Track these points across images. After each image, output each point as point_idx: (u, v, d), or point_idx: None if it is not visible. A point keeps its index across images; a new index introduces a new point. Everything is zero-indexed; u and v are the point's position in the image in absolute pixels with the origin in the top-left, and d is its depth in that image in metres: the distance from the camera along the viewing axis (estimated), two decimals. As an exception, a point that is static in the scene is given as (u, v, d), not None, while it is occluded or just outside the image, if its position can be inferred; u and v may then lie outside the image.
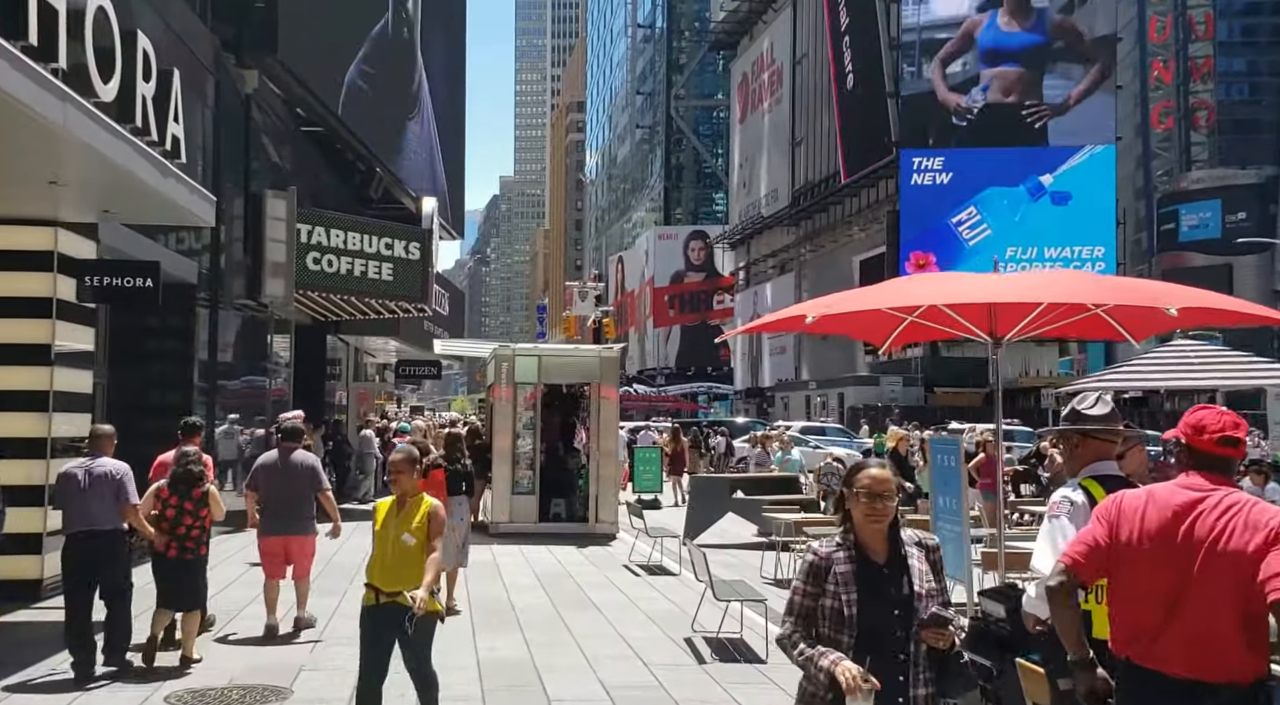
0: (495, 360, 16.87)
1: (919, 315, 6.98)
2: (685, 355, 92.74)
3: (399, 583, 5.78)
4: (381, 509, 6.00)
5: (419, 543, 5.82)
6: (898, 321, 7.35)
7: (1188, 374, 14.24)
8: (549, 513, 16.61)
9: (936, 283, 6.70)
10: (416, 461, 6.05)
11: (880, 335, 7.65)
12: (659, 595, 11.40)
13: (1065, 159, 60.41)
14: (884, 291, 6.75)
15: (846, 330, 7.79)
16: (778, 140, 78.81)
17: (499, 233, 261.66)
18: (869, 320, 7.35)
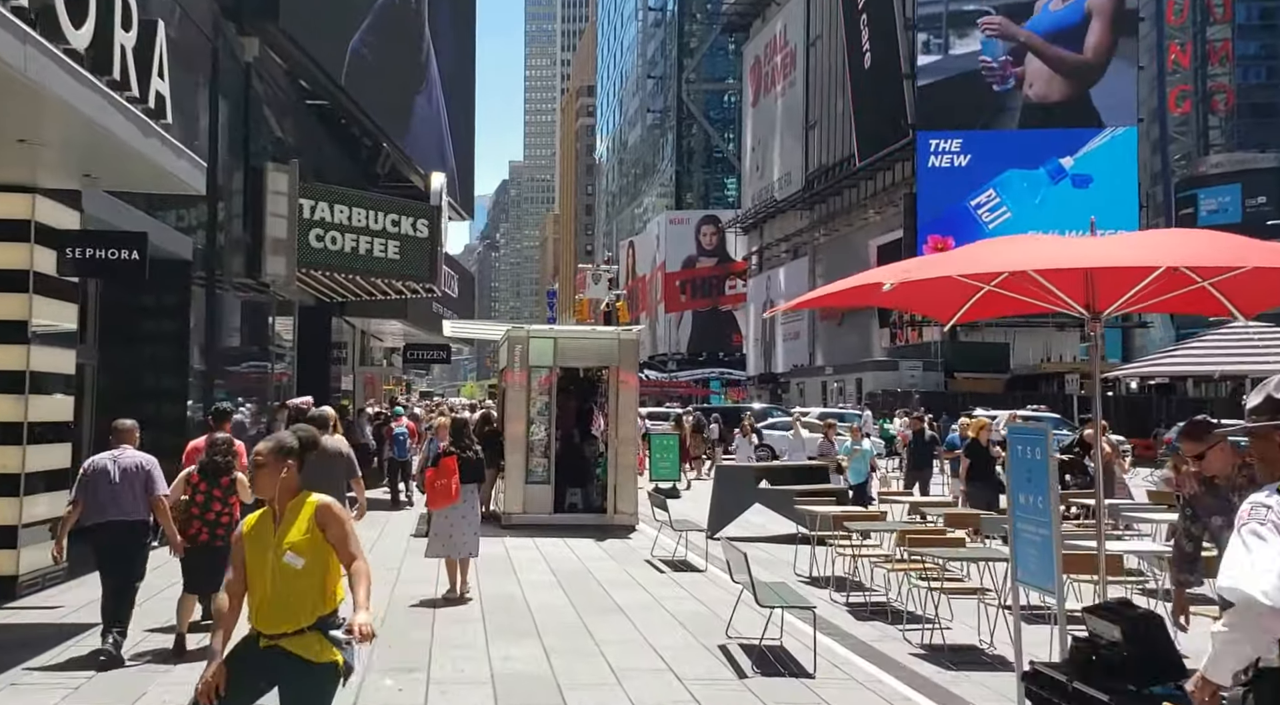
0: (508, 342, 16.00)
1: (999, 284, 6.08)
2: (697, 341, 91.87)
3: (286, 619, 4.19)
4: (249, 526, 4.38)
5: (313, 561, 4.22)
6: (969, 292, 6.44)
7: (1252, 358, 13.30)
8: (565, 503, 15.77)
9: (1025, 246, 5.77)
10: (292, 454, 4.39)
11: (948, 309, 6.74)
12: (686, 594, 10.53)
13: (1086, 141, 59.27)
14: (966, 256, 5.84)
15: (910, 304, 6.88)
16: (791, 123, 77.70)
17: (508, 218, 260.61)
18: (939, 291, 6.45)
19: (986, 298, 6.41)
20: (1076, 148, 59.42)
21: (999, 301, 6.48)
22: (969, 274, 5.66)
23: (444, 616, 9.15)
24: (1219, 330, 14.88)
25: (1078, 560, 7.92)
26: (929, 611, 9.17)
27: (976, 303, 6.55)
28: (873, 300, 6.71)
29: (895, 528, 10.03)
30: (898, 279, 5.40)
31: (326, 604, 4.26)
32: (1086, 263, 5.33)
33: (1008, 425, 13.78)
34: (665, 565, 12.31)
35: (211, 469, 7.83)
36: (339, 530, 4.31)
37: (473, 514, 10.50)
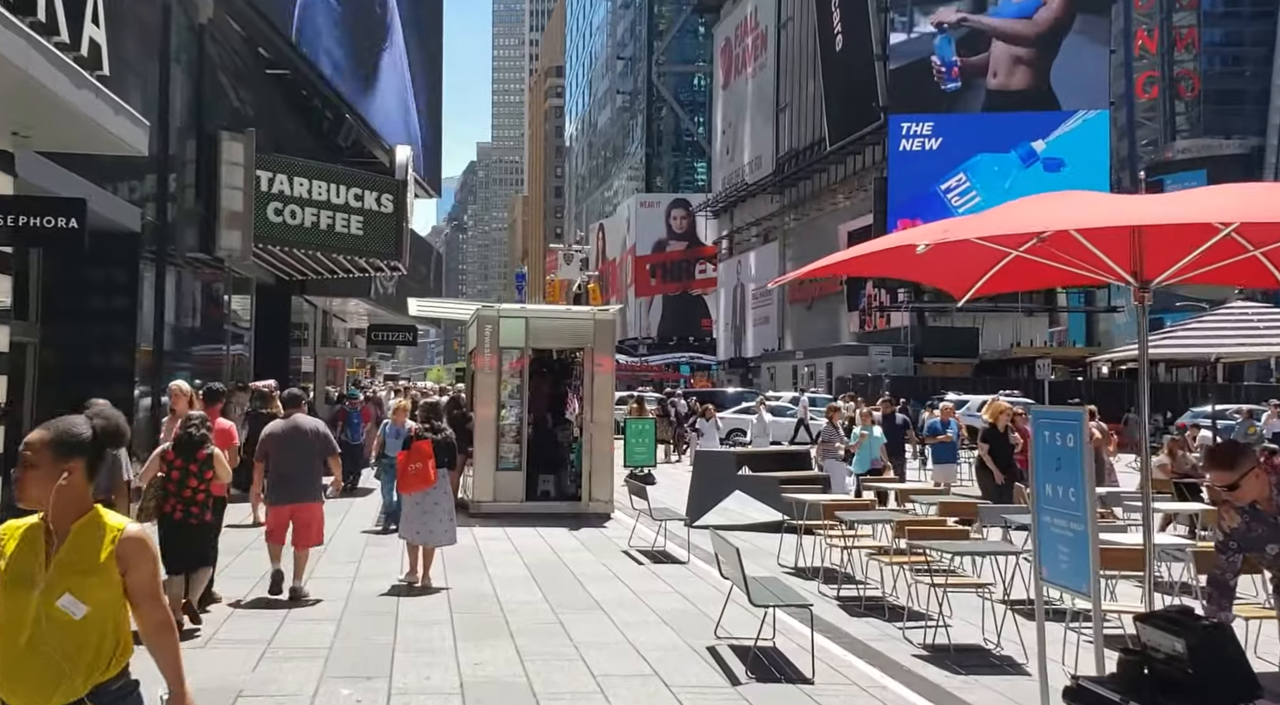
0: (478, 323, 15.26)
1: (1031, 249, 5.44)
2: (667, 325, 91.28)
3: (44, 687, 2.91)
4: (8, 541, 3.03)
5: (100, 610, 2.98)
6: (991, 259, 5.80)
7: (1253, 340, 12.81)
8: (537, 491, 15.09)
9: (1068, 203, 5.13)
10: (79, 451, 3.02)
11: (965, 279, 6.10)
12: (669, 588, 9.89)
13: (1058, 124, 59.08)
14: (1002, 216, 5.18)
15: (923, 272, 6.24)
16: (761, 106, 77.07)
17: (476, 200, 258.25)
18: (957, 259, 5.81)
19: (1012, 266, 5.78)
20: (1048, 131, 59.25)
21: (1026, 271, 5.85)
22: (1008, 235, 5.01)
23: (408, 616, 8.46)
24: (1216, 311, 14.40)
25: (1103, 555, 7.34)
26: (926, 607, 8.60)
27: (1000, 273, 5.92)
28: (884, 269, 6.07)
29: (892, 518, 9.43)
30: (935, 239, 4.74)
31: (109, 667, 3.01)
32: (1142, 220, 4.69)
33: (987, 410, 13.24)
34: (644, 557, 11.67)
35: (186, 444, 7.64)
36: (145, 573, 3.06)
37: (446, 500, 9.93)
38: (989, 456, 12.23)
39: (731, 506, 14.40)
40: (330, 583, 9.64)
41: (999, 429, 12.53)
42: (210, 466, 7.69)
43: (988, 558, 9.20)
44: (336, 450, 9.46)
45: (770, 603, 7.08)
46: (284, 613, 8.43)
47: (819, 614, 8.55)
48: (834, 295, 65.94)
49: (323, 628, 7.92)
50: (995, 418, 12.52)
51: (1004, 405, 12.74)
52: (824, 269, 5.65)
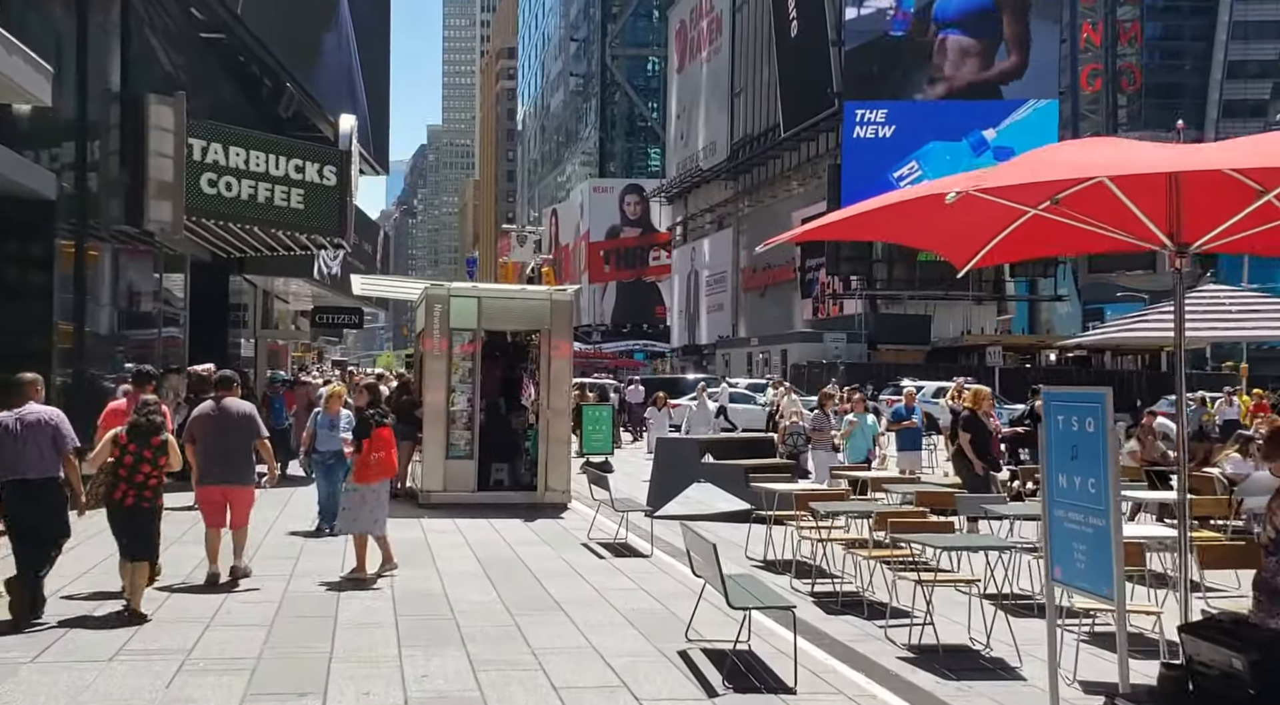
0: (426, 302, 14.44)
1: (1051, 209, 4.80)
2: (621, 312, 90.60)
3: None
4: None
5: None
6: (1005, 220, 5.16)
7: (1225, 324, 12.39)
8: (490, 480, 14.32)
9: (1102, 150, 4.48)
10: None
11: (971, 244, 5.46)
12: (633, 585, 9.20)
13: (1009, 113, 59.17)
14: (1036, 165, 4.52)
15: (923, 238, 5.59)
16: (716, 91, 76.45)
17: (426, 183, 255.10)
18: (967, 219, 5.16)
19: (1029, 228, 5.14)
20: (999, 120, 59.34)
21: (1041, 234, 5.22)
22: (1054, 182, 4.35)
23: (348, 619, 7.69)
24: (1190, 296, 13.94)
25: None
26: (909, 603, 8.00)
27: (1015, 236, 5.27)
28: (886, 231, 5.43)
29: (871, 509, 8.81)
30: (968, 186, 4.08)
31: None
32: (1185, 166, 4.04)
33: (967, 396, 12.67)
34: (605, 550, 10.97)
35: (142, 430, 7.56)
36: None
37: (383, 489, 9.32)
38: (970, 446, 11.59)
39: (695, 496, 13.77)
40: (262, 582, 8.84)
41: (979, 415, 11.89)
42: (165, 452, 7.64)
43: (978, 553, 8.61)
44: (264, 434, 9.20)
45: (749, 605, 6.40)
46: (210, 615, 7.62)
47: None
48: (787, 283, 65.68)
49: (250, 635, 7.13)
50: (976, 404, 11.88)
51: (985, 391, 12.16)
52: (827, 228, 4.98)
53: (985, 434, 11.95)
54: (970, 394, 12.17)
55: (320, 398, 12.53)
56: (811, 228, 5.16)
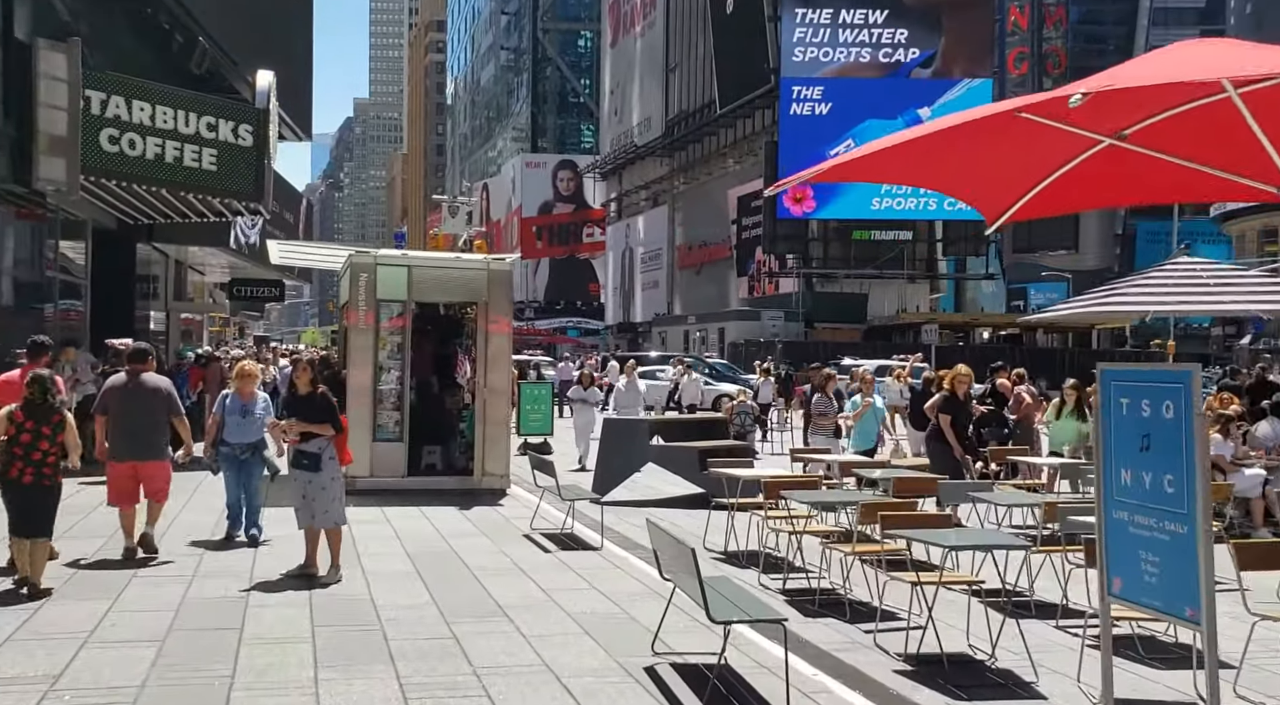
0: (351, 271, 13.26)
1: (1135, 137, 3.90)
2: (554, 289, 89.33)
3: None
4: None
5: None
6: (1066, 154, 4.25)
7: (1205, 297, 11.75)
8: (421, 464, 13.24)
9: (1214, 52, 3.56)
10: None
11: (1016, 188, 4.54)
12: (584, 584, 8.22)
13: (944, 92, 58.90)
14: (1167, 62, 3.57)
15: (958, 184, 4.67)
16: (651, 66, 75.30)
17: (353, 157, 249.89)
18: (1010, 162, 4.25)
19: (1087, 171, 4.24)
20: (934, 98, 58.96)
21: (1099, 178, 4.32)
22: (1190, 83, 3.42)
23: (256, 632, 6.60)
24: (1162, 267, 13.33)
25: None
26: (893, 603, 7.17)
27: (1064, 182, 4.36)
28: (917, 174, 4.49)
29: (856, 499, 7.91)
30: (1099, 87, 3.16)
31: None
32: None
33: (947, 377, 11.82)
34: (551, 542, 9.98)
35: (39, 406, 7.36)
36: None
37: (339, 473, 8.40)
38: (951, 429, 10.75)
39: (644, 480, 12.83)
40: (158, 586, 7.70)
41: (958, 396, 11.05)
42: (63, 429, 7.44)
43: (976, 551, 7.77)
44: (180, 410, 8.88)
45: (733, 618, 5.44)
46: (90, 629, 6.49)
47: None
48: (723, 261, 65.03)
49: (137, 654, 6.02)
50: (954, 385, 11.02)
51: (964, 369, 11.33)
52: (855, 163, 4.03)
53: (966, 416, 11.17)
54: (949, 374, 11.28)
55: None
56: (837, 163, 4.21)
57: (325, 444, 8.20)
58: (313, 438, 8.16)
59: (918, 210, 57.76)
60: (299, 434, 8.14)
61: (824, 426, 12.81)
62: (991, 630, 6.50)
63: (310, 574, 8.11)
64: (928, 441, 11.22)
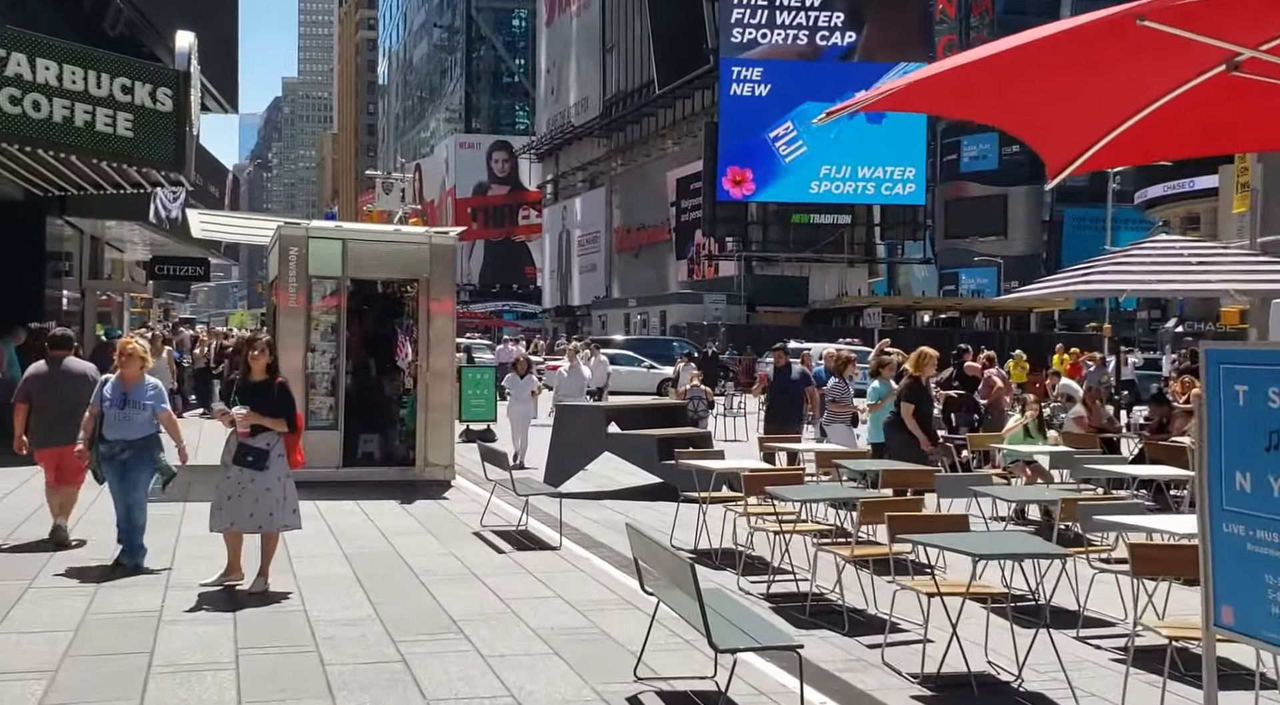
0: (280, 245, 12.21)
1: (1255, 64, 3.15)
2: (489, 272, 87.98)
3: None
4: None
5: None
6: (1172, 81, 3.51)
7: (1190, 277, 11.21)
8: (358, 454, 12.28)
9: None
10: None
11: (1083, 134, 3.79)
12: (548, 591, 7.37)
13: (880, 75, 58.58)
14: None
15: (1029, 121, 3.89)
16: (588, 46, 74.12)
17: (282, 137, 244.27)
18: (1094, 94, 3.49)
19: (1187, 106, 3.49)
20: (871, 82, 58.47)
21: (1202, 117, 3.57)
22: None
23: (168, 657, 5.66)
24: (1141, 245, 12.79)
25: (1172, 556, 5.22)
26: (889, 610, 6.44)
27: (1155, 122, 3.61)
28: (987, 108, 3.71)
29: (856, 496, 7.14)
30: None
31: None
32: None
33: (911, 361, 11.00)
34: (504, 541, 9.10)
35: None
36: None
37: (287, 474, 7.39)
38: (914, 419, 9.88)
39: (599, 470, 12.00)
40: (54, 600, 6.70)
41: (922, 383, 10.20)
42: None
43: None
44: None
45: (741, 646, 4.61)
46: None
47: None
48: (662, 244, 64.32)
49: (24, 689, 5.05)
50: (920, 368, 10.16)
51: (931, 353, 10.53)
52: (919, 85, 3.23)
53: (930, 405, 10.34)
54: (913, 356, 10.40)
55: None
56: (900, 85, 3.40)
57: (275, 440, 7.21)
58: (262, 431, 7.17)
59: (856, 194, 57.58)
60: (248, 427, 7.13)
61: (840, 415, 11.57)
62: (1014, 646, 5.77)
63: (234, 583, 7.16)
64: (886, 431, 10.26)
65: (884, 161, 57.10)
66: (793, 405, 12.89)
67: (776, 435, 11.57)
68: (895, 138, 56.34)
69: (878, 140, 56.26)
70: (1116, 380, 21.92)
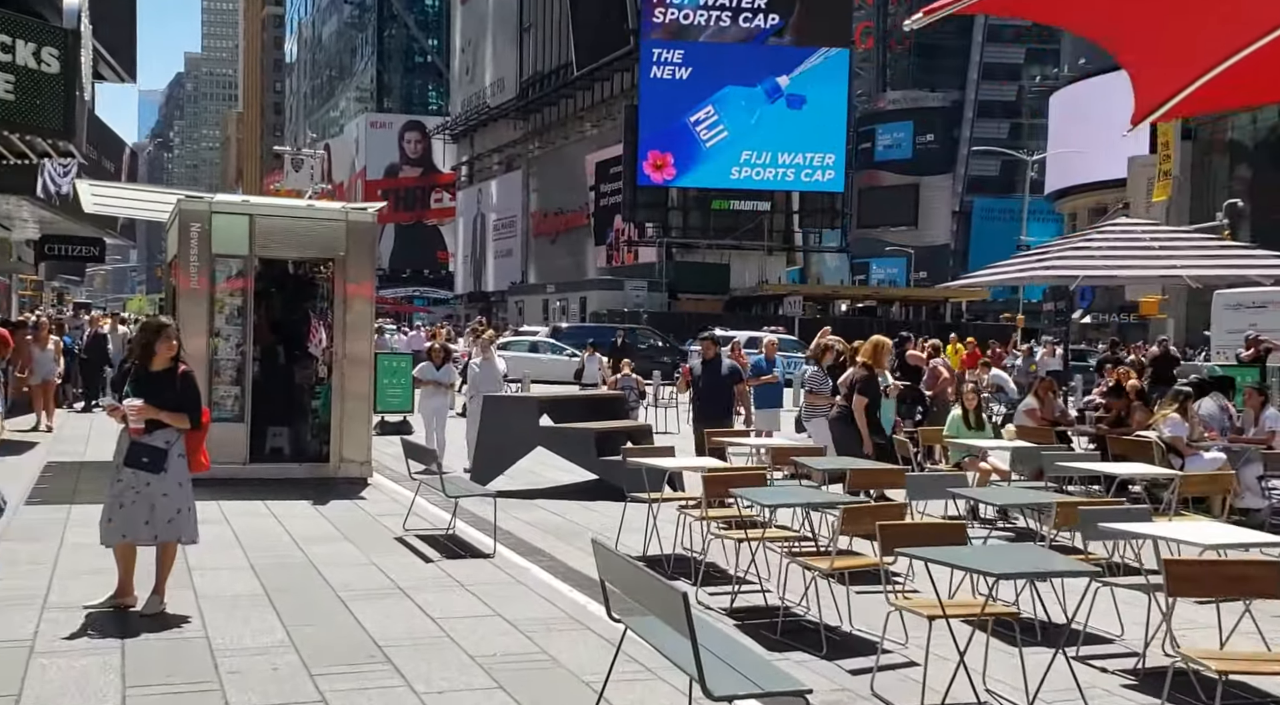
0: (180, 220, 11.12)
1: None
2: (400, 256, 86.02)
3: None
4: None
5: None
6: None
7: (1154, 262, 10.82)
8: (265, 448, 11.26)
9: None
10: None
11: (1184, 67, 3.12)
12: (486, 609, 6.56)
13: (802, 60, 58.50)
14: None
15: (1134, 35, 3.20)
16: (504, 25, 72.72)
17: (184, 115, 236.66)
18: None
19: None
20: (793, 67, 58.58)
21: None
22: None
23: (35, 702, 4.73)
24: (1101, 228, 12.42)
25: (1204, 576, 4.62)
26: (866, 626, 5.81)
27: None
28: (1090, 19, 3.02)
29: (833, 500, 6.43)
30: None
31: None
32: None
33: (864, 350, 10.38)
34: (431, 548, 8.24)
35: None
36: None
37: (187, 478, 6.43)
38: (864, 413, 9.21)
39: (528, 467, 11.21)
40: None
41: (874, 375, 9.53)
42: None
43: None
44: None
45: (741, 693, 3.85)
46: None
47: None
48: (581, 229, 63.49)
49: None
50: (876, 360, 9.48)
51: (887, 343, 9.89)
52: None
53: (879, 399, 9.63)
54: (868, 345, 9.75)
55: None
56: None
57: (176, 438, 6.26)
58: (160, 428, 6.21)
59: (776, 181, 57.38)
60: (145, 422, 6.16)
61: (820, 407, 10.49)
62: (1023, 673, 5.13)
63: (124, 606, 6.21)
64: (833, 425, 9.56)
65: (804, 148, 56.97)
66: (722, 403, 11.53)
67: (717, 433, 10.77)
68: (816, 122, 56.29)
69: (798, 126, 56.15)
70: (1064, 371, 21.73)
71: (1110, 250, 11.23)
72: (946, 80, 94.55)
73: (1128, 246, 11.15)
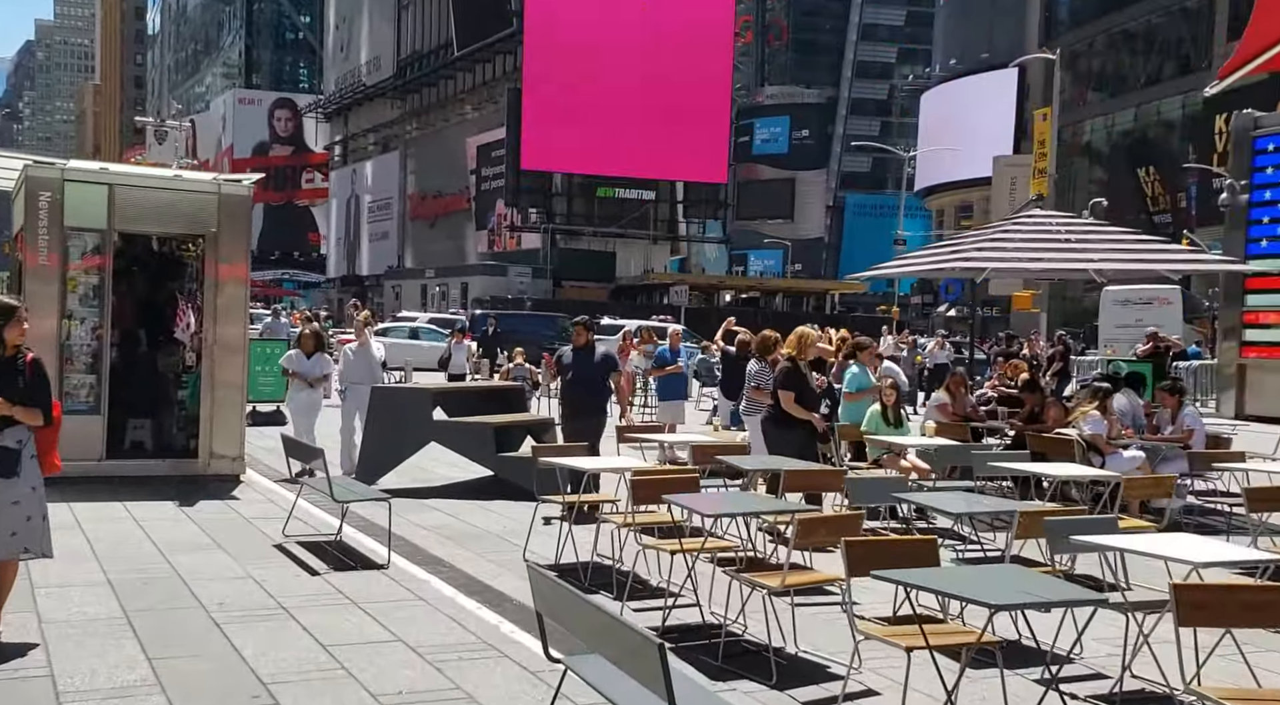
0: (28, 189, 9.88)
1: None
2: (268, 238, 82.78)
3: None
4: None
5: None
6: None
7: (1069, 254, 10.59)
8: (125, 443, 10.14)
9: None
10: None
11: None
12: (384, 632, 5.75)
13: (685, 49, 58.18)
14: None
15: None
16: (381, 2, 70.48)
17: (35, 85, 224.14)
18: None
19: None
20: (678, 54, 58.13)
21: None
22: None
23: None
24: (1017, 219, 12.18)
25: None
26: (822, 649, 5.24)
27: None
28: None
29: (781, 508, 5.80)
30: None
31: None
32: None
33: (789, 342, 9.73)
34: (316, 557, 7.35)
35: None
36: None
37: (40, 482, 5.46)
38: (794, 406, 8.59)
39: (416, 463, 10.37)
40: None
41: (800, 367, 8.93)
42: None
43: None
44: None
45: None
46: None
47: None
48: (461, 213, 62.04)
49: None
50: (801, 351, 8.93)
51: (812, 334, 9.38)
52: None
53: (811, 392, 9.08)
54: (793, 337, 9.19)
55: None
56: None
57: (27, 436, 5.26)
58: (10, 425, 5.19)
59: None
60: None
61: (758, 405, 9.28)
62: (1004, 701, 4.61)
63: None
64: (764, 425, 8.94)
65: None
66: (593, 396, 9.85)
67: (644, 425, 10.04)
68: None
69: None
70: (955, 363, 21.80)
71: (1024, 243, 10.99)
72: (822, 77, 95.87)
73: (1043, 238, 10.92)
